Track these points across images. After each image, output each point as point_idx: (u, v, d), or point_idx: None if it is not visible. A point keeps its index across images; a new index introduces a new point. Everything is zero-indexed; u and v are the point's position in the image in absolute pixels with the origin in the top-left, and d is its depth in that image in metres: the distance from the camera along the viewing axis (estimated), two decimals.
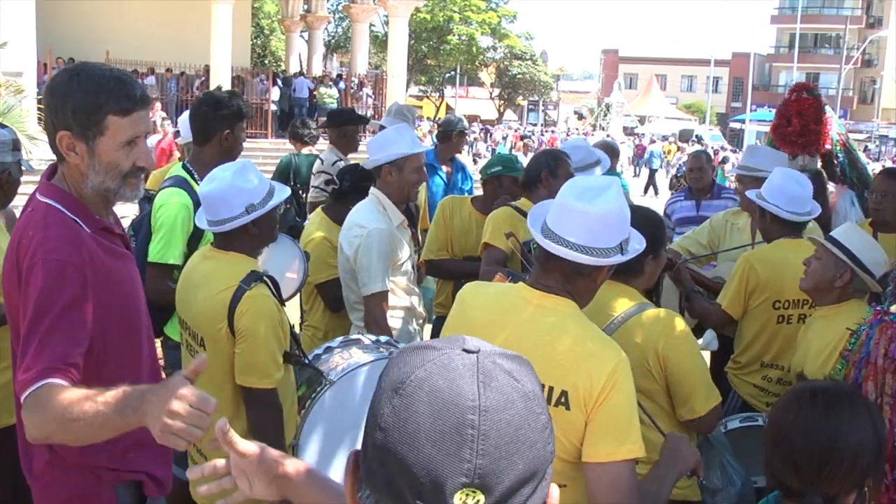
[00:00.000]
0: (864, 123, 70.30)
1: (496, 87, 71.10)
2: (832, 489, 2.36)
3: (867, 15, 77.65)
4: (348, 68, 36.81)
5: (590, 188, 2.82)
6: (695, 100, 79.24)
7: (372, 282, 4.80)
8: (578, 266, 2.79)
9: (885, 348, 2.77)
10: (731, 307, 4.95)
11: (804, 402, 2.48)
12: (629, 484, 2.67)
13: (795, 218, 4.89)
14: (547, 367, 2.71)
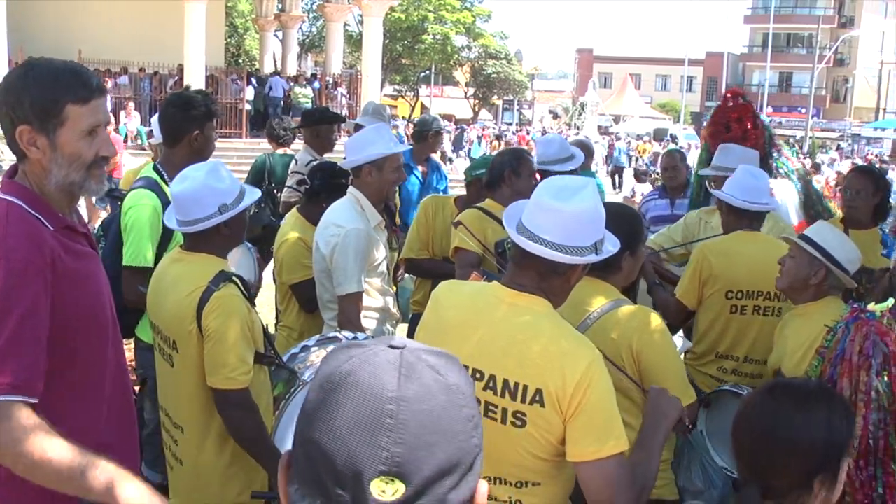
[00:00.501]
0: (837, 122, 70.89)
1: (471, 86, 71.11)
2: (776, 483, 2.35)
3: (839, 15, 78.26)
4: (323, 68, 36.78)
5: (566, 187, 2.83)
6: (669, 99, 79.54)
7: (347, 282, 4.78)
8: (554, 265, 2.79)
9: (859, 345, 2.78)
10: (685, 297, 5.03)
11: (763, 397, 2.51)
12: (621, 476, 2.68)
13: (748, 206, 4.95)
14: (521, 366, 2.73)
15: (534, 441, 2.75)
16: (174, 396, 3.82)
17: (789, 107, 74.79)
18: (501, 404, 2.76)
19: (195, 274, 3.64)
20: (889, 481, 2.72)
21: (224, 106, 27.25)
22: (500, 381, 2.76)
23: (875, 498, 2.73)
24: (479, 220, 5.29)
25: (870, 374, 2.73)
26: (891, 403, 2.71)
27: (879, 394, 2.72)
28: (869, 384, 2.72)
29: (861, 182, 5.84)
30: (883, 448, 2.73)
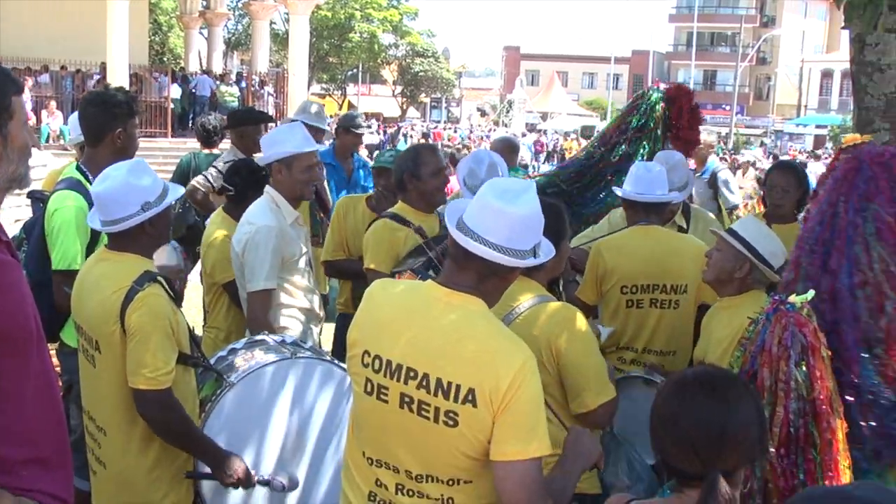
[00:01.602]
0: (760, 119, 72.25)
1: (399, 84, 71.14)
2: (728, 466, 2.42)
3: (761, 14, 79.83)
4: (249, 66, 36.48)
5: (510, 189, 2.83)
6: (596, 96, 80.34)
7: (256, 279, 4.76)
8: (495, 266, 2.79)
9: (779, 337, 2.83)
10: (583, 293, 5.12)
11: (691, 389, 2.55)
12: (537, 481, 2.69)
13: (637, 197, 5.05)
14: (454, 365, 2.73)
15: (465, 440, 2.74)
16: (97, 398, 3.76)
17: (714, 104, 75.89)
18: (434, 403, 2.75)
19: (119, 274, 3.59)
20: (809, 468, 2.78)
21: (149, 105, 26.91)
22: (434, 380, 2.75)
23: (797, 485, 2.79)
24: (389, 232, 5.19)
25: (789, 365, 2.79)
26: (809, 392, 2.77)
27: (798, 383, 2.78)
28: (788, 374, 2.78)
29: (785, 179, 5.94)
30: (803, 436, 2.79)
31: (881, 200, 3.27)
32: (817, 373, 2.79)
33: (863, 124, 5.08)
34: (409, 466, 2.85)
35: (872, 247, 3.22)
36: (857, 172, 3.33)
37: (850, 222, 3.26)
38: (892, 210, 3.25)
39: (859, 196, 3.28)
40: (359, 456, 2.99)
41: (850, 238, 3.24)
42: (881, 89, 5.04)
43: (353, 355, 2.96)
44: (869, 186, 3.28)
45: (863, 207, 3.26)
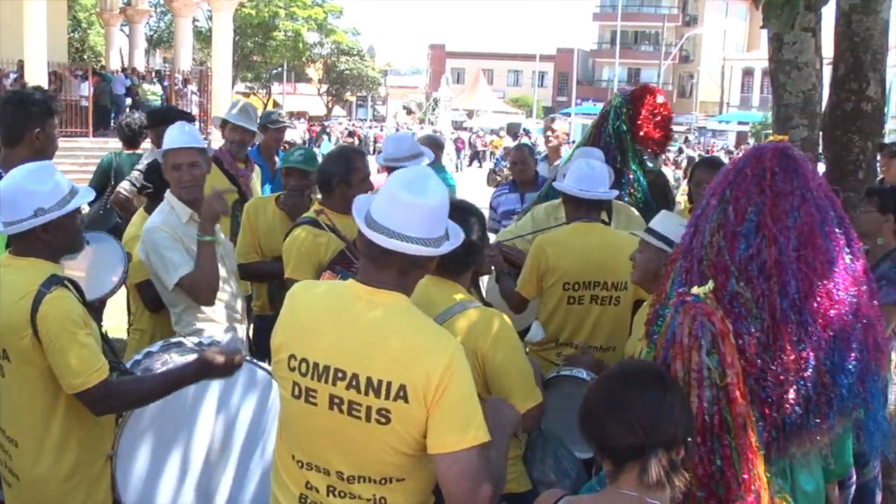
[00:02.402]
0: (684, 116, 73.03)
1: (324, 83, 70.71)
2: (665, 440, 2.50)
3: (683, 13, 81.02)
4: (172, 64, 35.98)
5: (415, 179, 2.85)
6: (521, 94, 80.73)
7: (173, 272, 4.68)
8: (415, 259, 2.80)
9: (689, 327, 2.87)
10: (523, 288, 5.12)
11: (629, 376, 2.67)
12: (478, 468, 2.70)
13: (581, 194, 5.07)
14: (383, 362, 2.73)
15: (398, 437, 2.75)
16: (6, 409, 3.63)
17: None
18: (366, 402, 2.74)
19: (24, 279, 3.47)
20: (726, 453, 2.83)
21: (68, 104, 26.34)
22: (364, 380, 2.74)
23: (714, 471, 2.83)
24: (311, 240, 5.11)
25: (700, 354, 2.83)
26: (721, 379, 2.82)
27: (711, 371, 2.82)
28: (700, 363, 2.82)
29: (710, 175, 5.99)
30: (718, 423, 2.83)
31: (738, 185, 3.34)
32: (728, 359, 2.84)
33: (782, 121, 5.17)
34: (340, 468, 2.84)
35: (713, 226, 3.29)
36: (735, 164, 3.41)
37: (711, 208, 3.33)
38: (740, 193, 3.31)
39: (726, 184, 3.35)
40: (288, 459, 2.98)
41: (707, 220, 3.31)
42: (799, 87, 5.14)
43: (278, 360, 2.94)
44: (736, 176, 3.35)
45: (722, 193, 3.33)
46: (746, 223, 3.27)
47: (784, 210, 3.30)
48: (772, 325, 3.26)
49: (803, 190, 3.37)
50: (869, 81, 5.31)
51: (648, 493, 2.50)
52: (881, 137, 5.80)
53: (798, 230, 3.32)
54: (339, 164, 5.20)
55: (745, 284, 3.22)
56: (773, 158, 3.39)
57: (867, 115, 5.36)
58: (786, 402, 3.21)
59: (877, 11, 5.24)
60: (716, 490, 2.83)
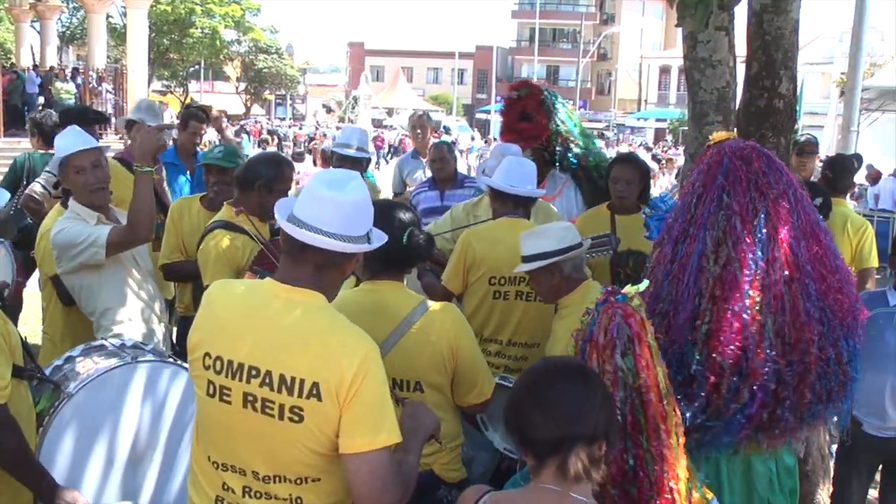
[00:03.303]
0: (603, 113, 74.02)
1: (242, 81, 70.07)
2: (586, 434, 2.52)
3: (601, 12, 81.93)
4: (86, 62, 35.30)
5: (338, 179, 2.88)
6: (441, 91, 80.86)
7: (99, 238, 4.67)
8: (332, 256, 2.82)
9: (605, 327, 2.92)
10: (449, 282, 5.17)
11: (552, 370, 2.69)
12: (389, 469, 2.72)
13: (510, 190, 5.14)
14: (297, 360, 2.73)
15: (312, 436, 2.74)
16: None
17: None
18: (279, 400, 2.74)
19: None
20: (639, 453, 2.88)
21: None
22: (277, 377, 2.74)
23: (627, 470, 2.87)
24: (228, 244, 5.08)
25: (614, 354, 2.88)
26: (635, 380, 2.87)
27: (624, 372, 2.87)
28: (614, 364, 2.86)
29: (628, 172, 6.08)
30: (631, 423, 2.89)
31: (736, 191, 3.43)
32: (643, 361, 2.90)
33: (698, 117, 5.25)
34: (257, 467, 2.83)
35: (716, 236, 3.37)
36: (719, 166, 3.48)
37: (705, 212, 3.40)
38: (744, 199, 3.41)
39: (717, 187, 3.44)
40: (204, 461, 2.95)
41: (703, 227, 3.38)
42: (713, 84, 5.22)
43: (194, 359, 2.93)
44: (727, 179, 3.44)
45: (719, 198, 3.41)
46: (757, 231, 3.37)
47: (786, 211, 3.42)
48: (794, 327, 3.39)
49: (789, 187, 3.49)
50: (781, 79, 5.40)
51: (571, 488, 2.52)
52: (794, 134, 5.91)
53: (802, 229, 3.44)
54: (269, 168, 5.18)
55: (762, 293, 3.34)
56: (759, 159, 3.50)
57: (780, 111, 5.45)
58: (806, 396, 3.43)
59: (787, 11, 5.33)
60: (628, 489, 2.87)
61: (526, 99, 6.94)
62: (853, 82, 11.29)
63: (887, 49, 41.74)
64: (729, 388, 3.35)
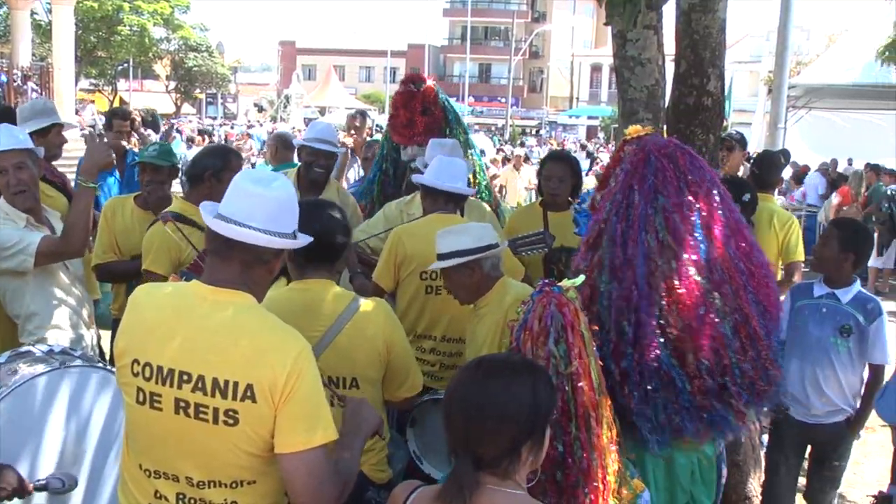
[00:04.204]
0: (535, 111, 74.42)
1: (172, 79, 69.14)
2: (483, 452, 2.48)
3: (532, 10, 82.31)
4: (10, 60, 34.59)
5: (263, 177, 2.88)
6: (373, 90, 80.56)
7: (28, 246, 4.57)
8: (260, 252, 2.80)
9: (540, 315, 2.94)
10: (380, 279, 5.17)
11: (467, 371, 2.63)
12: (325, 468, 2.72)
13: (441, 186, 5.18)
14: (230, 363, 2.70)
15: (247, 438, 2.72)
16: None
17: (490, 97, 77.87)
18: (212, 404, 2.71)
19: None
20: (567, 440, 2.92)
21: None
22: (210, 381, 2.71)
23: (556, 456, 2.89)
24: (166, 235, 5.01)
25: (547, 342, 2.90)
26: (566, 368, 2.89)
27: (556, 359, 2.89)
28: (547, 350, 2.89)
29: (560, 169, 6.13)
30: (561, 410, 2.91)
31: (668, 191, 3.46)
32: (575, 350, 2.94)
33: (628, 115, 5.31)
34: (190, 473, 2.80)
35: (662, 237, 3.40)
36: (645, 164, 3.51)
37: (642, 213, 3.43)
38: (678, 200, 3.45)
39: (649, 188, 3.46)
40: (135, 469, 2.91)
41: (642, 228, 3.40)
42: (642, 82, 5.28)
43: (121, 365, 2.88)
44: (657, 178, 3.47)
45: (653, 199, 3.44)
46: (696, 231, 3.43)
47: (715, 208, 3.46)
48: (743, 320, 3.47)
49: (713, 184, 3.54)
50: (709, 77, 5.48)
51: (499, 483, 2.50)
52: (722, 131, 6.00)
53: (730, 226, 3.49)
54: (215, 158, 5.20)
55: (716, 290, 3.41)
56: (683, 156, 3.53)
57: (708, 109, 5.53)
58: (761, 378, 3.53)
59: (714, 10, 5.41)
60: (554, 474, 2.89)
61: (424, 92, 6.96)
62: (780, 80, 11.47)
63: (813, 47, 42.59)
64: (707, 389, 3.40)
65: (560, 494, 2.92)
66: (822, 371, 5.13)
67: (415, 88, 6.98)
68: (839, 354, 5.08)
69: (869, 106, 24.91)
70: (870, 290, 14.65)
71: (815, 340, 5.12)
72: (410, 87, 7.00)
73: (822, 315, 5.15)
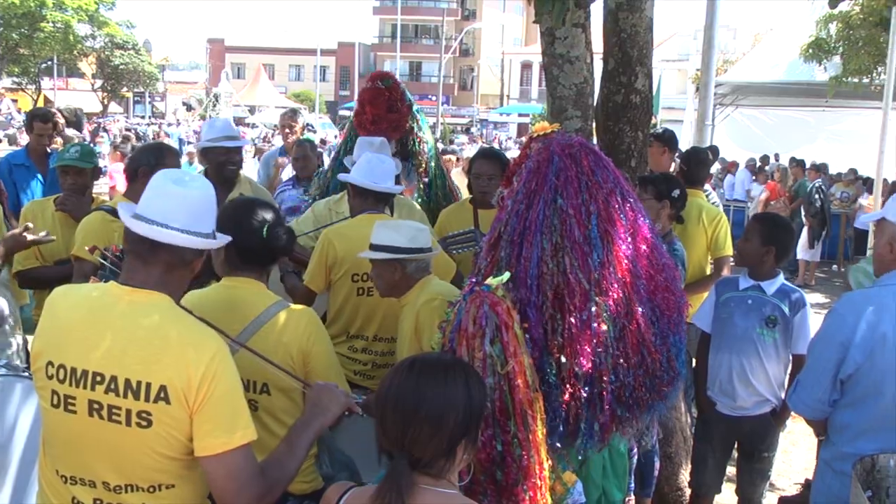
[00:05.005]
0: (466, 108, 74.62)
1: (98, 78, 68.07)
2: (419, 453, 2.47)
3: (462, 8, 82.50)
4: None
5: (181, 177, 2.85)
6: (304, 88, 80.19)
7: None
8: (182, 253, 2.77)
9: (474, 316, 2.94)
10: (311, 281, 5.13)
11: (401, 371, 2.60)
12: (248, 468, 2.69)
13: (370, 185, 5.17)
14: (143, 364, 2.66)
15: (162, 440, 2.69)
16: None
17: (420, 95, 77.61)
18: (125, 405, 2.66)
19: None
20: (506, 439, 2.91)
21: None
22: (122, 382, 2.66)
23: (496, 455, 2.90)
24: (103, 224, 5.04)
25: (483, 342, 2.91)
26: (503, 367, 2.90)
27: (493, 359, 2.89)
28: (484, 351, 2.89)
29: (490, 167, 6.15)
30: (499, 409, 2.92)
31: (568, 192, 3.45)
32: (511, 349, 2.94)
33: (557, 112, 5.34)
34: (107, 478, 2.75)
35: (556, 240, 3.40)
36: (548, 164, 3.50)
37: (540, 215, 3.42)
38: (577, 202, 3.45)
39: (550, 188, 3.45)
40: (52, 475, 2.85)
41: (539, 230, 3.40)
42: (571, 79, 5.31)
43: (36, 368, 2.82)
44: (559, 179, 3.46)
45: (552, 200, 3.44)
46: (591, 233, 3.41)
47: (615, 209, 3.47)
48: (637, 328, 3.47)
49: (616, 184, 3.55)
50: (637, 75, 5.54)
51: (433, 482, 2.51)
52: (650, 128, 6.07)
53: (630, 228, 3.50)
54: (150, 155, 5.15)
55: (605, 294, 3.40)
56: (587, 157, 3.54)
57: (636, 106, 5.59)
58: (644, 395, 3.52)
59: (641, 9, 5.48)
60: (494, 474, 2.90)
61: (391, 89, 6.96)
62: (707, 78, 11.59)
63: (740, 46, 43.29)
64: (581, 398, 3.37)
65: (500, 494, 2.90)
66: (749, 362, 5.21)
67: (382, 86, 6.98)
68: (765, 345, 5.16)
69: (794, 103, 25.39)
70: (799, 283, 15.00)
71: (741, 332, 5.19)
72: (378, 84, 6.99)
73: (747, 307, 5.22)
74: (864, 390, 3.81)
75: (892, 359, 3.72)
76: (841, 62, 20.14)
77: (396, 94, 6.96)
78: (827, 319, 4.02)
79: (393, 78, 7.11)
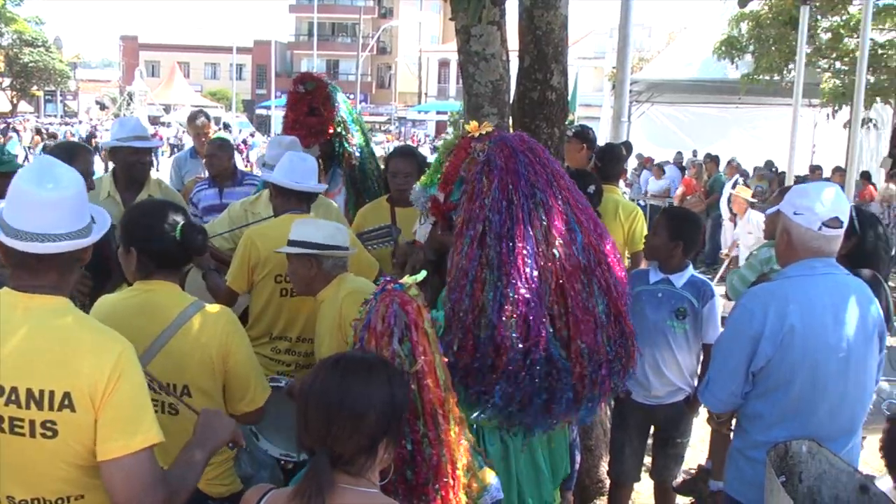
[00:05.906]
0: (384, 106, 74.54)
1: (7, 76, 66.45)
2: (340, 449, 2.48)
3: (379, 6, 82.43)
4: None
5: (43, 172, 2.68)
6: (220, 87, 79.37)
7: None
8: (76, 255, 2.70)
9: (383, 315, 2.95)
10: (234, 283, 5.10)
11: (325, 368, 2.61)
12: (147, 473, 2.61)
13: (293, 185, 5.17)
14: (44, 371, 2.58)
15: (69, 449, 2.61)
16: None
17: None
18: (28, 416, 2.58)
19: None
20: (415, 438, 2.92)
21: None
22: (24, 392, 2.57)
23: (405, 455, 2.92)
24: None
25: (392, 341, 2.92)
26: (412, 366, 2.92)
27: (402, 358, 2.92)
28: (392, 350, 2.91)
29: (406, 165, 6.16)
30: (409, 409, 2.94)
31: (540, 184, 3.54)
32: (420, 348, 2.95)
33: (473, 109, 5.37)
34: (12, 492, 2.66)
35: (545, 230, 3.48)
36: (514, 160, 3.57)
37: (523, 209, 3.49)
38: (551, 191, 3.55)
39: (526, 183, 3.53)
40: None
41: (527, 224, 3.47)
42: (487, 77, 5.35)
43: None
44: (529, 172, 3.54)
45: (532, 194, 3.51)
46: (571, 220, 3.57)
47: (560, 201, 3.56)
48: (615, 313, 3.63)
49: (557, 176, 3.66)
50: (553, 72, 5.60)
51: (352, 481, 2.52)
52: (566, 125, 6.14)
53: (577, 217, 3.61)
54: (62, 154, 4.94)
55: (592, 275, 3.55)
56: (541, 149, 3.67)
57: (552, 103, 5.66)
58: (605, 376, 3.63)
59: (556, 7, 5.54)
60: (404, 473, 2.92)
61: (314, 93, 6.94)
62: (622, 76, 11.78)
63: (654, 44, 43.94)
64: (587, 374, 3.53)
65: (411, 493, 2.91)
66: (661, 353, 5.31)
67: (303, 90, 6.94)
68: (676, 337, 5.27)
69: (708, 100, 25.90)
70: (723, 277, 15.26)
71: (652, 324, 5.28)
72: (298, 88, 6.96)
73: (658, 300, 5.32)
74: (776, 381, 3.90)
75: (801, 350, 3.82)
76: (752, 60, 20.61)
77: (319, 98, 6.95)
78: (733, 314, 4.09)
79: (318, 81, 7.09)
